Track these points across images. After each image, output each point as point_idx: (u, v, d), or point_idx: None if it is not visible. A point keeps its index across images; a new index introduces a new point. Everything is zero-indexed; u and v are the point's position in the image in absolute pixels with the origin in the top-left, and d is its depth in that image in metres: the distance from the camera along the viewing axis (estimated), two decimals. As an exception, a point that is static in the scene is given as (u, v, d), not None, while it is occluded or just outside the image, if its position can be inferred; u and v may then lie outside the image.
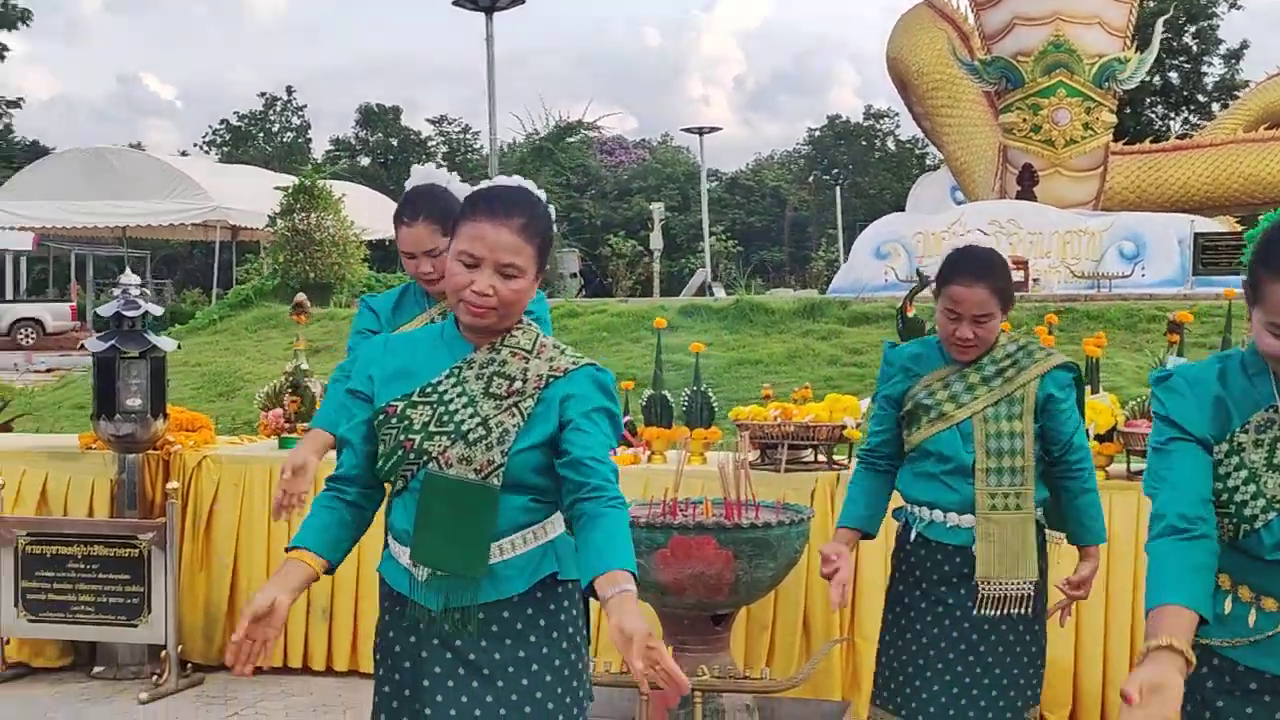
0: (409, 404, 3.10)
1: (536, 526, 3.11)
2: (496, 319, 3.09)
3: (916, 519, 4.42)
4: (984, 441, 4.29)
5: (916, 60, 22.73)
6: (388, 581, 3.20)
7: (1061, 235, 18.17)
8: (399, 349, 3.22)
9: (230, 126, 66.39)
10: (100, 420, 6.80)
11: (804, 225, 60.73)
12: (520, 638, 3.08)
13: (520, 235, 3.06)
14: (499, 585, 3.06)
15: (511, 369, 3.11)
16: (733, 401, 9.78)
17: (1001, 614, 4.28)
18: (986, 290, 4.25)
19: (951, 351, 4.36)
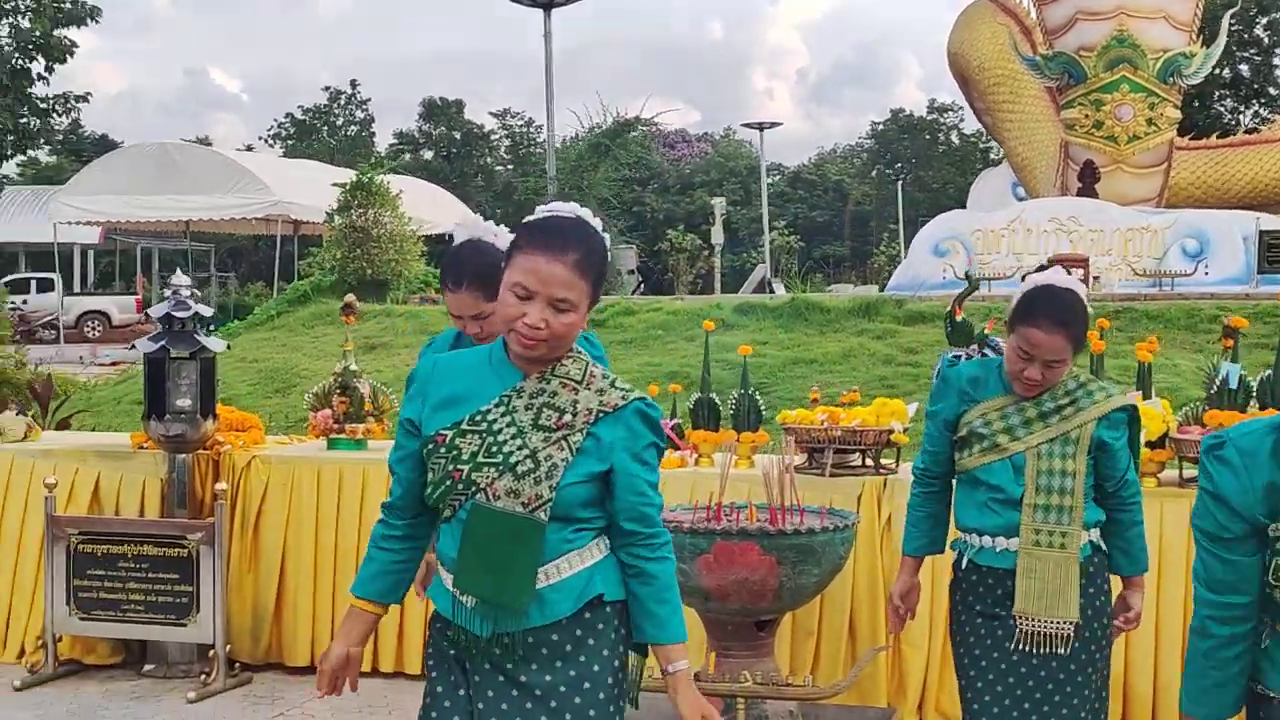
0: (458, 433, 3.11)
1: (583, 550, 3.14)
2: (547, 350, 3.10)
3: (968, 546, 4.40)
4: (1035, 477, 4.26)
5: (978, 55, 22.55)
6: (436, 606, 3.23)
7: (1123, 233, 17.96)
8: (448, 373, 3.23)
9: (295, 120, 66.87)
10: (151, 420, 6.85)
11: (866, 220, 60.51)
12: (570, 659, 3.10)
13: (574, 270, 3.05)
14: (545, 610, 3.08)
15: (561, 401, 3.12)
16: (787, 401, 9.75)
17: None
18: (1064, 338, 4.19)
19: (1015, 387, 4.31)
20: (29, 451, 7.34)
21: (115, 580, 6.80)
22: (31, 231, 41.58)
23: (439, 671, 3.23)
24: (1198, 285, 16.66)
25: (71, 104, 31.88)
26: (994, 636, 4.32)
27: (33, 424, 7.70)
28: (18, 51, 30.40)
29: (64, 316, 34.53)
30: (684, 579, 5.25)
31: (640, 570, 3.15)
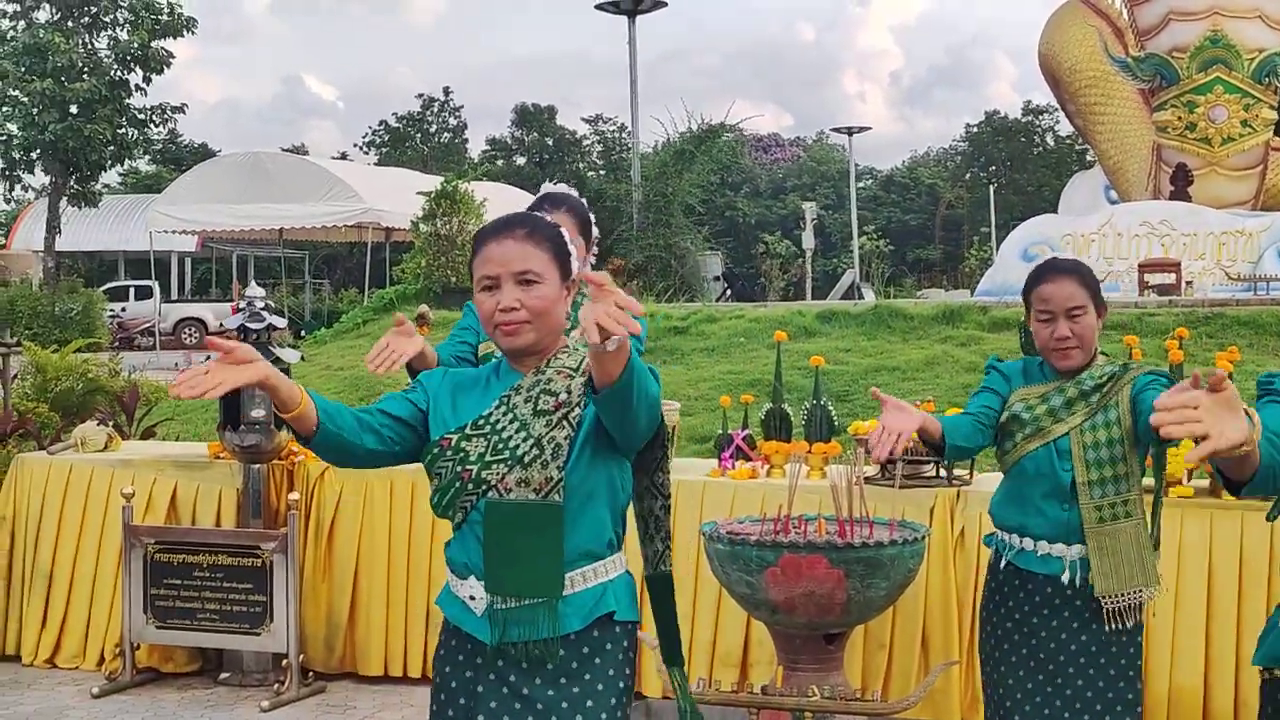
0: (463, 436, 3.13)
1: (599, 564, 3.13)
2: (534, 334, 3.12)
3: (1007, 546, 4.36)
4: (1082, 455, 4.23)
5: (1069, 57, 22.27)
6: (445, 613, 3.23)
7: (1217, 236, 17.65)
8: (453, 386, 3.26)
9: (389, 127, 67.43)
10: (226, 431, 6.91)
11: (958, 224, 60.03)
12: (576, 676, 3.09)
13: (526, 242, 3.11)
14: (556, 621, 3.07)
15: (557, 386, 3.13)
16: (868, 410, 9.67)
17: (1098, 643, 4.19)
18: (1074, 282, 4.25)
19: (1053, 360, 4.31)
20: (109, 461, 7.44)
21: (191, 589, 6.88)
22: (130, 240, 42.34)
23: (438, 704, 3.22)
24: (1294, 291, 16.34)
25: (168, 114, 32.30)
26: (1029, 646, 4.29)
27: (113, 434, 7.79)
28: (116, 63, 30.89)
29: (161, 323, 35.06)
30: (751, 591, 5.22)
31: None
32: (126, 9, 30.59)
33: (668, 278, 27.07)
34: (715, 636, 6.46)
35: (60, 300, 28.35)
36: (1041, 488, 4.28)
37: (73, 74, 29.72)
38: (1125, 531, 4.22)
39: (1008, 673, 4.32)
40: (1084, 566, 4.23)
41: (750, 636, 6.37)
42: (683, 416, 9.35)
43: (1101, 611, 4.22)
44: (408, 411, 3.20)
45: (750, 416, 7.12)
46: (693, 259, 29.47)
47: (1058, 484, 4.26)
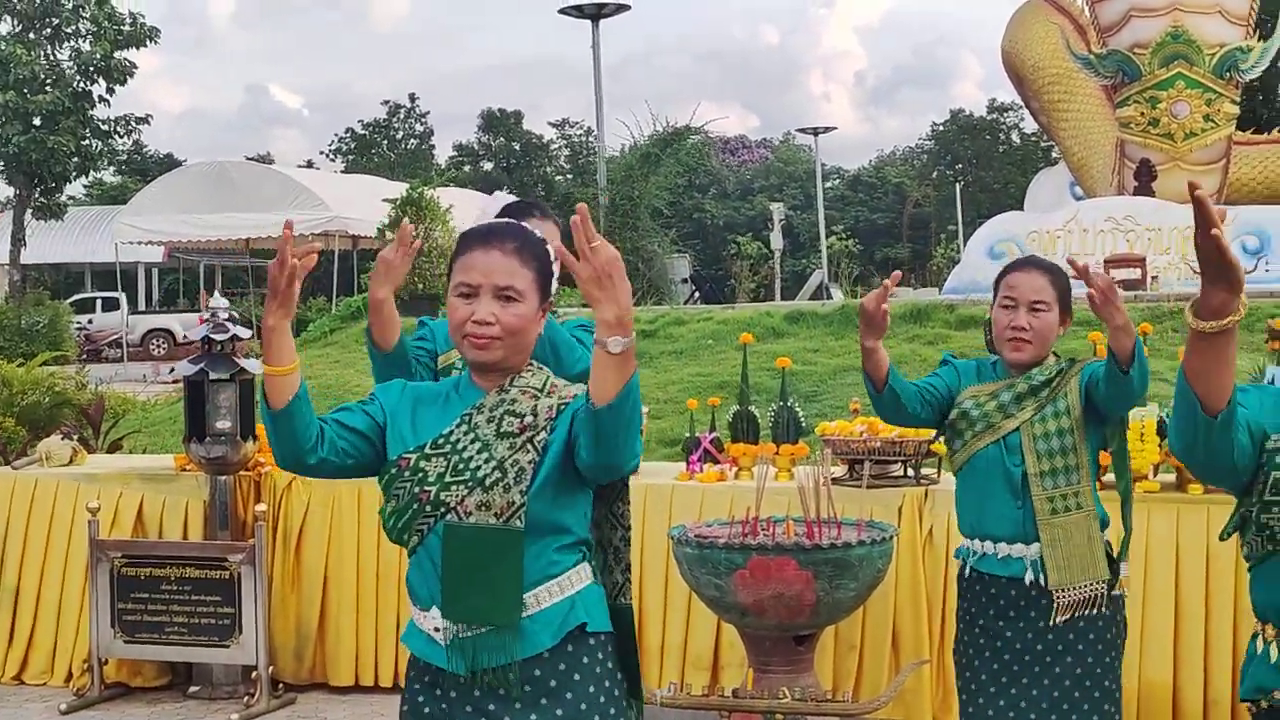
0: (422, 456, 3.02)
1: (563, 578, 3.02)
2: (503, 352, 3.01)
3: (970, 554, 4.37)
4: (1032, 446, 4.25)
5: (1031, 54, 22.30)
6: (411, 650, 3.10)
7: (1181, 231, 17.67)
8: (413, 401, 3.15)
9: (355, 135, 67.26)
10: (191, 443, 6.88)
11: (926, 222, 60.18)
12: (556, 696, 2.97)
13: (514, 257, 3.00)
14: (526, 641, 2.96)
15: (521, 407, 3.03)
16: (836, 411, 9.68)
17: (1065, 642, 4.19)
18: (1043, 277, 4.29)
19: (1005, 351, 4.32)
20: (74, 475, 7.39)
21: (158, 603, 6.84)
22: (97, 251, 42.06)
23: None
24: (1259, 283, 16.36)
25: (133, 125, 32.21)
26: (994, 650, 4.28)
27: (79, 448, 7.75)
28: (79, 74, 30.76)
29: (129, 335, 34.91)
30: (720, 594, 5.23)
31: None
32: (88, 20, 30.47)
33: (635, 281, 26.99)
34: (686, 640, 6.45)
35: (26, 313, 28.24)
36: (994, 486, 4.29)
37: (35, 86, 29.60)
38: (1077, 524, 4.24)
39: (985, 681, 4.30)
40: (1043, 565, 4.24)
41: (721, 639, 6.37)
42: (651, 420, 9.35)
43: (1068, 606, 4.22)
44: (364, 424, 3.08)
45: (718, 419, 7.12)
46: (660, 262, 29.43)
47: (1010, 480, 4.27)
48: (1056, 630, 4.21)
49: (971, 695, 4.35)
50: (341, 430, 3.06)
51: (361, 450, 3.07)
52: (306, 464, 3.03)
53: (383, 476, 3.06)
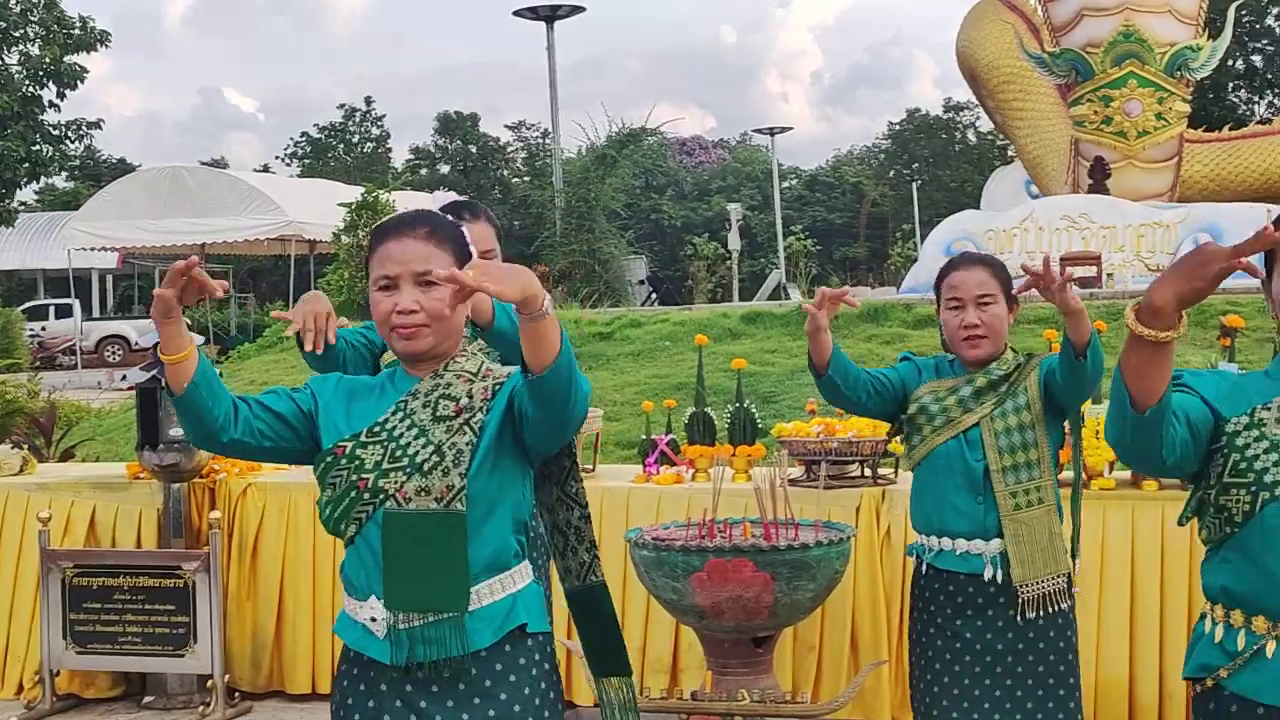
0: (358, 444, 3.00)
1: (505, 575, 3.00)
2: (432, 339, 3.00)
3: (926, 550, 4.36)
4: (994, 442, 4.25)
5: (986, 53, 22.42)
6: (344, 640, 3.07)
7: (1135, 229, 17.79)
8: (347, 393, 3.13)
9: (311, 139, 66.95)
10: (144, 451, 6.82)
11: (883, 221, 60.35)
12: (490, 696, 2.94)
13: (428, 242, 2.99)
14: (464, 638, 2.93)
15: (457, 390, 3.01)
16: (794, 411, 9.66)
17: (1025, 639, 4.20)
18: (984, 271, 4.30)
19: (961, 351, 4.32)
20: (25, 485, 7.31)
21: (111, 612, 6.77)
22: (49, 257, 41.75)
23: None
24: (1212, 279, 16.49)
25: (84, 130, 31.90)
26: (953, 650, 4.27)
27: (29, 456, 7.67)
28: (28, 79, 30.46)
29: (83, 342, 34.64)
30: (678, 597, 5.21)
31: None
32: (37, 24, 30.16)
33: (592, 283, 27.05)
34: (644, 643, 6.43)
35: (-23, 321, 27.94)
36: (954, 481, 4.29)
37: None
38: (1039, 518, 4.25)
39: (938, 679, 4.30)
40: (1004, 561, 4.23)
41: (679, 642, 6.36)
42: (608, 422, 9.32)
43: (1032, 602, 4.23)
44: (288, 409, 3.06)
45: (674, 421, 7.10)
46: (617, 263, 29.43)
47: (970, 476, 4.26)
48: (1017, 628, 4.22)
49: (931, 694, 4.34)
50: (261, 411, 3.03)
51: (280, 434, 3.05)
52: (219, 442, 3.00)
53: (318, 466, 3.03)
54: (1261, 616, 2.79)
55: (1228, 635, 2.84)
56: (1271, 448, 2.79)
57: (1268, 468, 2.77)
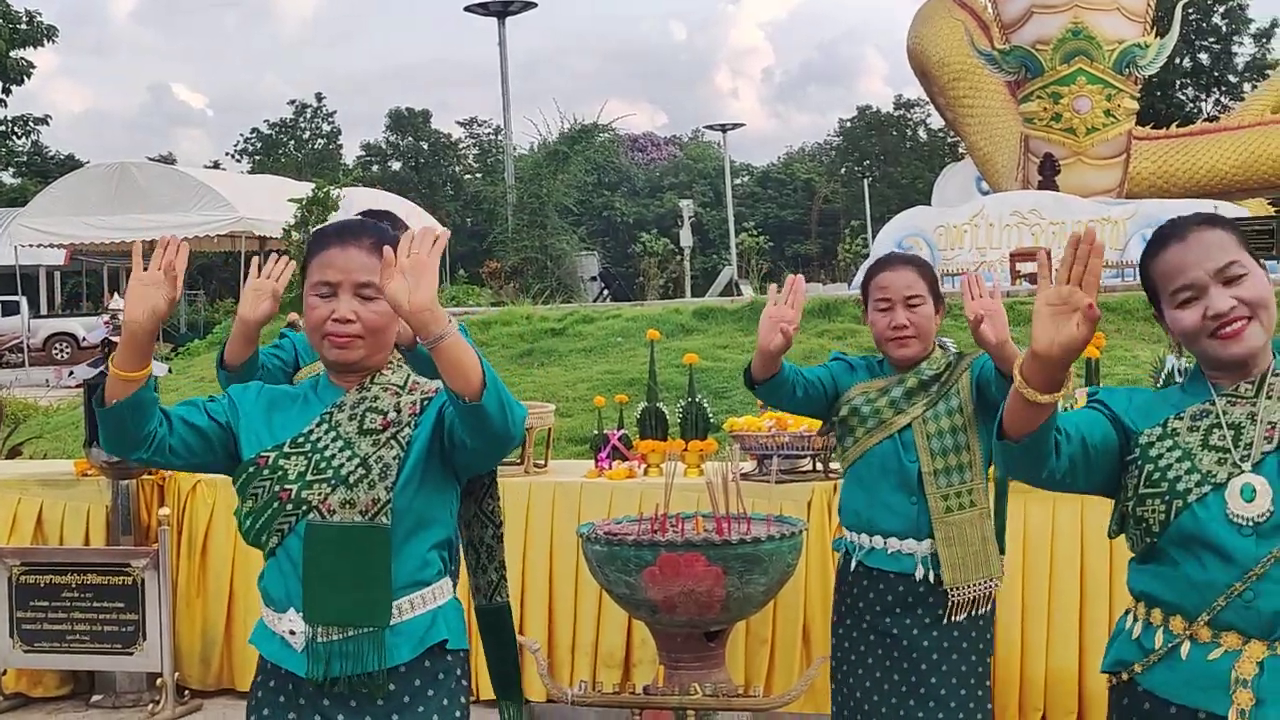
0: (280, 454, 2.96)
1: (427, 590, 2.98)
2: (365, 350, 2.98)
3: (856, 547, 4.37)
4: (926, 445, 4.25)
5: (937, 51, 22.56)
6: (261, 653, 3.03)
7: (1084, 224, 17.95)
8: (268, 403, 3.09)
9: (261, 135, 66.63)
10: (92, 447, 6.76)
11: (835, 218, 60.56)
12: (408, 710, 2.93)
13: (373, 254, 2.92)
14: (384, 653, 2.90)
15: (384, 404, 2.99)
16: (747, 406, 9.68)
17: (950, 639, 4.23)
18: (912, 271, 4.28)
19: (889, 350, 4.32)
20: (-30, 483, 7.22)
21: (59, 610, 6.71)
22: (-7, 255, 41.34)
23: None
24: (1159, 275, 16.63)
25: (31, 126, 31.69)
26: (883, 646, 4.30)
27: (-25, 454, 7.60)
28: (-27, 74, 30.23)
29: (31, 339, 34.30)
30: (630, 591, 5.19)
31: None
32: (-18, 18, 29.91)
33: (544, 279, 27.04)
34: (597, 638, 6.43)
35: (-77, 318, 27.64)
36: (888, 482, 4.29)
37: (-72, 86, 29.01)
38: (971, 521, 4.26)
39: (864, 676, 4.33)
40: (935, 562, 4.25)
41: (632, 637, 6.35)
42: (560, 418, 9.31)
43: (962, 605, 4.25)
44: (203, 421, 3.01)
45: (626, 416, 7.10)
46: (569, 259, 29.44)
47: (904, 476, 4.27)
48: (943, 628, 4.24)
49: (854, 689, 4.37)
50: (181, 427, 2.99)
51: (194, 449, 3.00)
52: (131, 457, 2.99)
53: (238, 477, 2.99)
54: (1179, 617, 2.80)
55: (1145, 632, 2.86)
56: (1184, 455, 2.80)
57: (1180, 475, 2.78)
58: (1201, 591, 2.75)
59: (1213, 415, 2.82)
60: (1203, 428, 2.82)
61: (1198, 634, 2.76)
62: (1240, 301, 2.73)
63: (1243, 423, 2.79)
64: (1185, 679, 2.77)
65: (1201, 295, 2.75)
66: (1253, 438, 2.77)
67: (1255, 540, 2.70)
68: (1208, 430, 2.81)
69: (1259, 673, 2.69)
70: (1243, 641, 2.72)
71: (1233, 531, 2.72)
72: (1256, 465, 2.75)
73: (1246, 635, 2.72)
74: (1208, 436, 2.80)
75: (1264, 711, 2.68)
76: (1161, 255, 2.80)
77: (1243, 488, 2.73)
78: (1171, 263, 2.77)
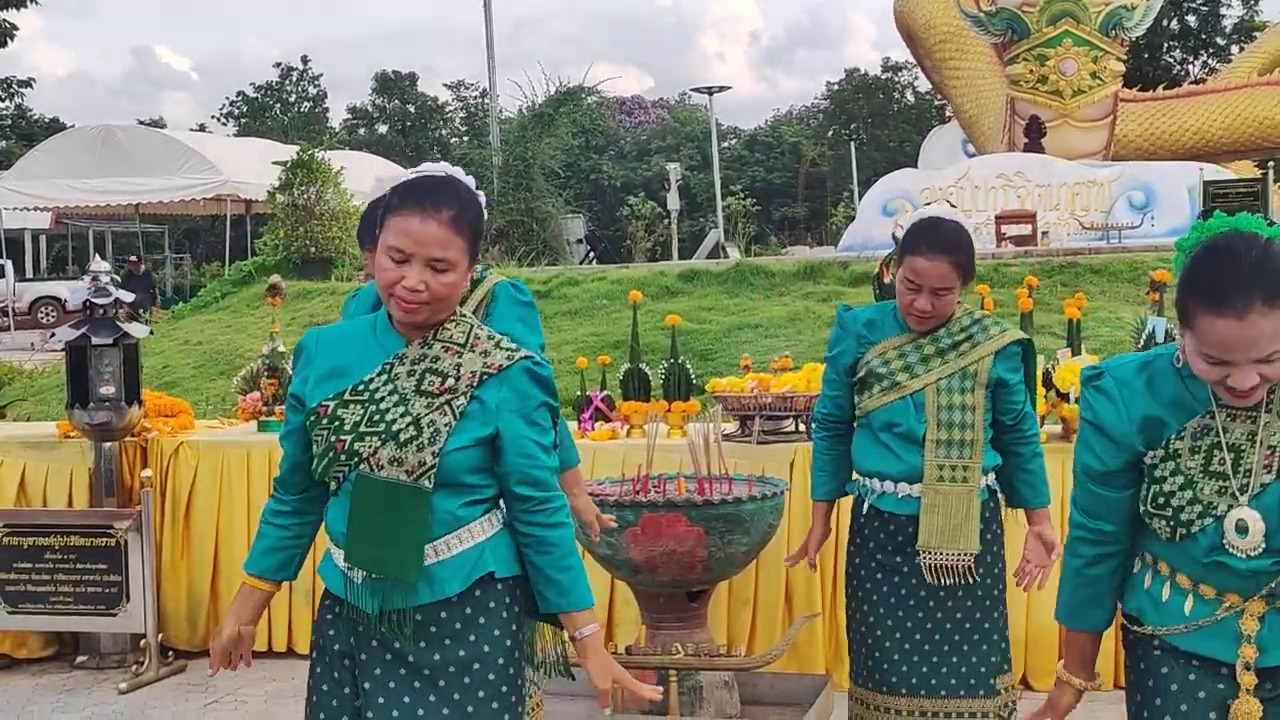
0: (340, 403, 3.04)
1: (472, 525, 3.06)
2: (429, 314, 3.03)
3: (869, 491, 4.42)
4: (936, 413, 4.29)
5: (923, 13, 22.50)
6: (325, 582, 3.16)
7: (1070, 187, 17.90)
8: (331, 345, 3.16)
9: (247, 98, 66.33)
10: (75, 409, 6.75)
11: (822, 181, 60.45)
12: (460, 637, 3.03)
13: (449, 228, 2.98)
14: (434, 586, 3.01)
15: (444, 365, 3.04)
16: (732, 368, 9.69)
17: (954, 582, 4.27)
18: (949, 264, 4.23)
19: (908, 321, 4.36)
20: (-47, 445, 7.21)
21: (43, 572, 6.71)
22: (-22, 218, 41.16)
23: (321, 667, 3.15)
24: (1145, 238, 16.61)
25: (15, 89, 31.49)
26: (891, 584, 4.37)
27: (-42, 417, 7.58)
28: (-44, 36, 30.03)
29: (16, 303, 34.20)
30: (612, 552, 5.21)
31: (537, 538, 3.07)
32: (-36, -21, 29.69)
33: (529, 242, 26.97)
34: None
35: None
36: (897, 434, 4.34)
37: (-91, 47, 28.81)
38: (959, 495, 4.29)
39: (881, 617, 4.37)
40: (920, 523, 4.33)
41: (614, 597, 6.37)
42: (545, 380, 9.29)
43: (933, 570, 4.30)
44: (302, 434, 3.14)
45: (609, 377, 7.10)
46: (555, 222, 29.35)
47: (911, 433, 4.31)
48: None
49: (868, 626, 4.40)
50: (299, 449, 3.17)
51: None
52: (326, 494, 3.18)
53: (307, 418, 3.09)
54: (1184, 575, 2.90)
55: (1155, 581, 2.96)
56: (1187, 483, 2.82)
57: (1182, 506, 2.82)
58: (1205, 571, 2.86)
59: (1213, 433, 2.82)
60: (1204, 449, 2.82)
61: (1202, 592, 2.87)
62: (1264, 379, 2.68)
63: (1243, 445, 2.80)
64: (1195, 628, 2.87)
65: (1231, 365, 2.67)
66: (1252, 464, 2.79)
67: (1252, 563, 2.80)
68: (1208, 452, 2.81)
69: (1260, 627, 2.82)
70: (1243, 599, 2.83)
71: (1231, 556, 2.80)
72: (1255, 496, 2.78)
73: (1246, 594, 2.83)
74: (1209, 460, 2.81)
75: (1267, 658, 2.83)
76: (1213, 319, 2.63)
77: (1237, 523, 2.78)
78: (1219, 335, 2.63)
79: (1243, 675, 2.82)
